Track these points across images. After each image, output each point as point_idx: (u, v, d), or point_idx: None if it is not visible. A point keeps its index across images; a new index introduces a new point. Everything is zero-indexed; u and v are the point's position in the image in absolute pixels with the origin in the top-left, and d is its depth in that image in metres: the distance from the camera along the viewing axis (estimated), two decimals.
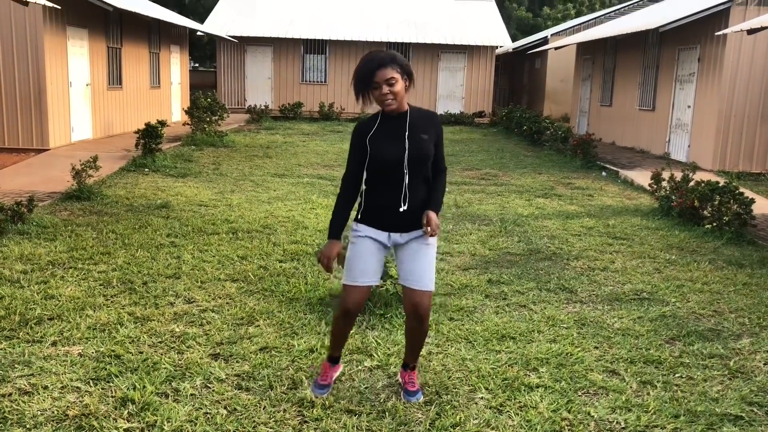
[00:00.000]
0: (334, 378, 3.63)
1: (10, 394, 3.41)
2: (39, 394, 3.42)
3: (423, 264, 3.33)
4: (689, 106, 13.74)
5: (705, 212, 7.75)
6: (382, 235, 3.34)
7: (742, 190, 7.71)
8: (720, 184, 7.71)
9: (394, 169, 3.25)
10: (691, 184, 8.11)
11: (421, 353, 3.63)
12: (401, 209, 3.26)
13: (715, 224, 7.42)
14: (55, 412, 3.25)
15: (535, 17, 42.13)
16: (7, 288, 4.94)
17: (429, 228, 3.19)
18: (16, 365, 3.73)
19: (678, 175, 8.49)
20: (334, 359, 3.62)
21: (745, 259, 6.53)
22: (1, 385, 3.49)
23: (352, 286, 3.33)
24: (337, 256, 3.29)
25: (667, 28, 13.27)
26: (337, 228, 3.35)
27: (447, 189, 3.55)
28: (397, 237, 3.35)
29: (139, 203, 8.12)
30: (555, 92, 26.76)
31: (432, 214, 3.23)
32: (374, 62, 3.18)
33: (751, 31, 10.35)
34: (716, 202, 7.56)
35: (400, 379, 3.65)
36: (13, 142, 12.38)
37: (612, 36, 16.53)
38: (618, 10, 26.13)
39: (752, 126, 12.61)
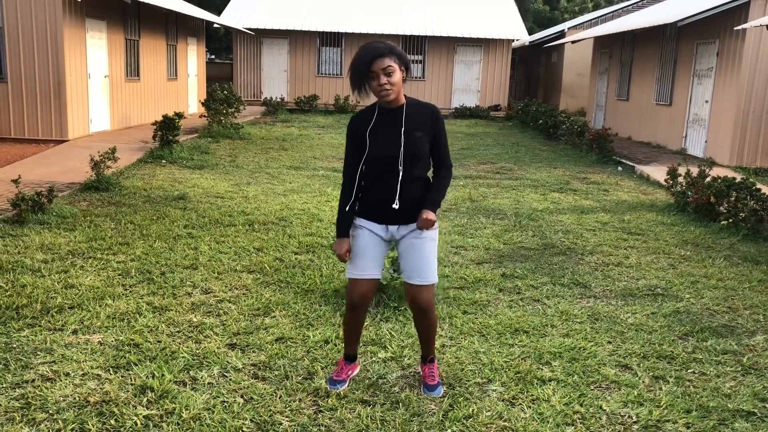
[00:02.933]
0: (350, 376, 3.60)
1: (33, 381, 3.49)
2: (61, 380, 3.50)
3: (419, 258, 3.35)
4: (707, 101, 13.63)
5: (721, 208, 7.71)
6: (379, 228, 3.37)
7: (759, 186, 7.66)
8: (736, 180, 7.67)
9: (389, 165, 3.26)
10: (708, 179, 8.07)
11: (435, 346, 3.64)
12: (394, 206, 3.28)
13: (731, 220, 7.39)
14: (77, 399, 3.33)
15: (553, 10, 41.87)
16: (28, 277, 5.04)
17: (419, 224, 3.22)
18: (38, 352, 3.81)
19: (694, 171, 8.45)
20: (349, 358, 3.61)
21: (761, 255, 6.50)
22: (24, 372, 3.58)
23: (353, 279, 3.40)
24: (348, 251, 3.37)
25: (686, 22, 13.15)
26: (343, 227, 3.38)
27: (462, 183, 3.58)
28: (394, 229, 3.37)
29: (157, 194, 8.22)
30: (571, 86, 26.62)
31: (426, 213, 3.21)
32: (372, 52, 3.16)
33: None
34: (732, 198, 7.52)
35: (421, 373, 3.65)
36: (33, 133, 12.54)
37: (630, 30, 16.40)
38: (636, 3, 25.88)
39: None
